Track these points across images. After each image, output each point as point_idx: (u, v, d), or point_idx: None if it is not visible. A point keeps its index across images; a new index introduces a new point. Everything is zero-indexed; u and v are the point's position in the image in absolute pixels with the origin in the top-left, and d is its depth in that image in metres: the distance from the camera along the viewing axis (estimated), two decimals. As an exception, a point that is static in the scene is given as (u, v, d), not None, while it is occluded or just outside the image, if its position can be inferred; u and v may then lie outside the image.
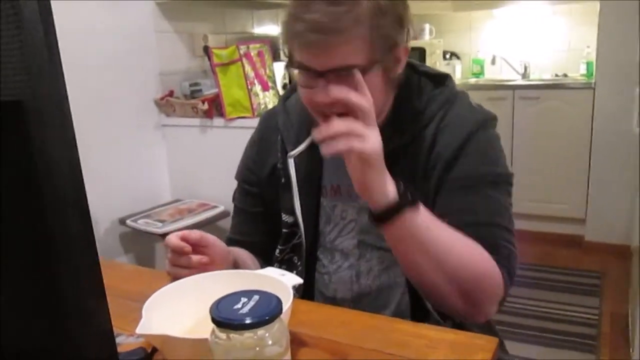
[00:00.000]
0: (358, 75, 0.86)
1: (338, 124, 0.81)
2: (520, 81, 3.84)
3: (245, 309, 0.58)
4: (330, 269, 1.08)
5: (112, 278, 1.11)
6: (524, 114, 3.50)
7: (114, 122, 2.23)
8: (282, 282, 0.77)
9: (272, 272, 0.82)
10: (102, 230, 2.20)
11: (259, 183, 1.14)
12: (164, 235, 2.12)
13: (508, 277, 0.92)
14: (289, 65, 0.95)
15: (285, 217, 1.10)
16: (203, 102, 2.25)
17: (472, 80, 4.09)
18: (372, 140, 0.81)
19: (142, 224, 2.12)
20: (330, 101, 0.88)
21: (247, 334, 0.56)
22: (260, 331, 0.56)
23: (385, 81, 0.95)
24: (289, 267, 1.10)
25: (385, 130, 0.98)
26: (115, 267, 1.17)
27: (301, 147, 1.04)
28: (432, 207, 0.94)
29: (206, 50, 2.32)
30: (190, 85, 2.46)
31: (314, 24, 0.84)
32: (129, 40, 2.26)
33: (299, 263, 1.09)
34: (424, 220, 0.86)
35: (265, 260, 1.14)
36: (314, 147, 1.05)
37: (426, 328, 0.81)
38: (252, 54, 2.23)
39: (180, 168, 2.47)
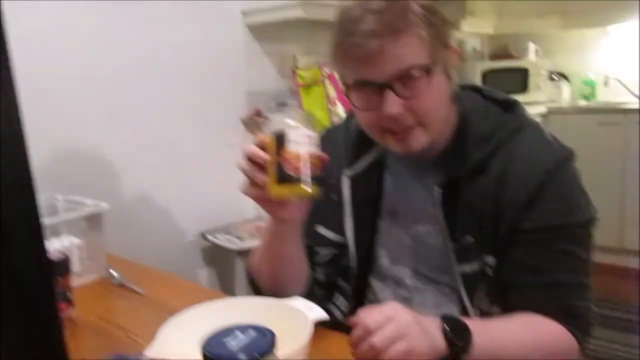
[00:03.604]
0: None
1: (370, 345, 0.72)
2: (635, 104, 3.50)
3: (237, 345, 0.55)
4: (381, 297, 1.03)
5: (166, 294, 1.14)
6: (638, 141, 3.19)
7: (202, 138, 2.31)
8: (304, 315, 0.74)
9: (299, 303, 0.79)
10: (185, 243, 2.28)
11: None
12: (241, 252, 2.16)
13: (582, 335, 0.88)
14: (348, 90, 0.91)
15: (329, 235, 1.05)
16: (286, 122, 2.28)
17: (582, 103, 3.81)
18: (409, 334, 0.73)
19: (221, 239, 2.18)
20: (401, 111, 0.85)
21: (235, 372, 0.53)
22: (249, 369, 0.53)
23: (448, 84, 0.91)
24: (335, 291, 1.07)
25: (448, 157, 0.95)
26: (171, 283, 1.20)
27: (359, 167, 1.03)
28: (500, 252, 0.89)
29: (293, 70, 2.35)
30: (277, 105, 2.50)
31: (368, 33, 0.82)
32: (220, 60, 2.35)
33: (347, 287, 1.05)
34: (481, 347, 0.79)
35: None
36: (373, 168, 1.03)
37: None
38: (335, 75, 2.23)
39: (263, 185, 2.51)
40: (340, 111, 2.22)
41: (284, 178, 0.78)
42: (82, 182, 1.78)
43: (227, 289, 2.49)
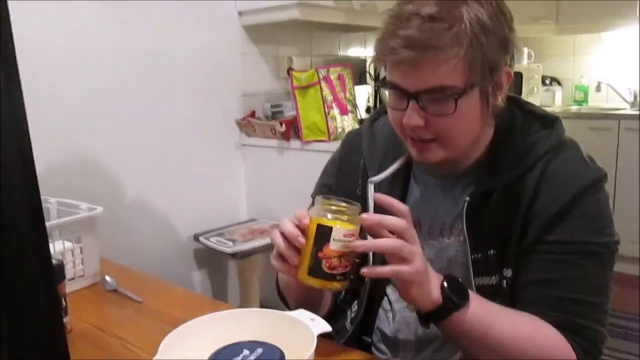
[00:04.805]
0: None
1: (386, 243, 0.78)
2: (628, 110, 3.53)
3: (245, 363, 0.53)
4: (396, 307, 1.02)
5: (161, 301, 1.12)
6: (630, 147, 3.20)
7: (196, 140, 2.29)
8: (307, 327, 0.73)
9: (302, 315, 0.78)
10: (178, 245, 2.26)
11: None
12: (233, 255, 2.14)
13: (585, 356, 0.84)
14: (380, 85, 0.91)
15: None
16: (281, 124, 2.26)
17: (574, 108, 3.83)
18: (417, 261, 0.78)
19: (214, 242, 2.15)
20: (421, 124, 0.84)
21: (242, 391, 0.52)
22: (256, 389, 0.52)
23: (483, 108, 0.87)
24: (354, 297, 1.06)
25: (480, 172, 0.94)
26: (166, 289, 1.17)
27: (384, 174, 1.01)
28: (522, 266, 0.88)
29: (289, 72, 2.34)
30: (272, 107, 2.48)
31: (409, 40, 0.79)
32: (216, 61, 2.33)
33: (363, 294, 1.04)
34: (476, 316, 0.81)
35: None
36: (397, 176, 1.02)
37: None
38: (331, 77, 2.21)
39: (257, 188, 2.49)
40: (337, 114, 2.20)
41: (318, 273, 0.78)
42: (74, 185, 1.75)
43: (220, 291, 2.47)
